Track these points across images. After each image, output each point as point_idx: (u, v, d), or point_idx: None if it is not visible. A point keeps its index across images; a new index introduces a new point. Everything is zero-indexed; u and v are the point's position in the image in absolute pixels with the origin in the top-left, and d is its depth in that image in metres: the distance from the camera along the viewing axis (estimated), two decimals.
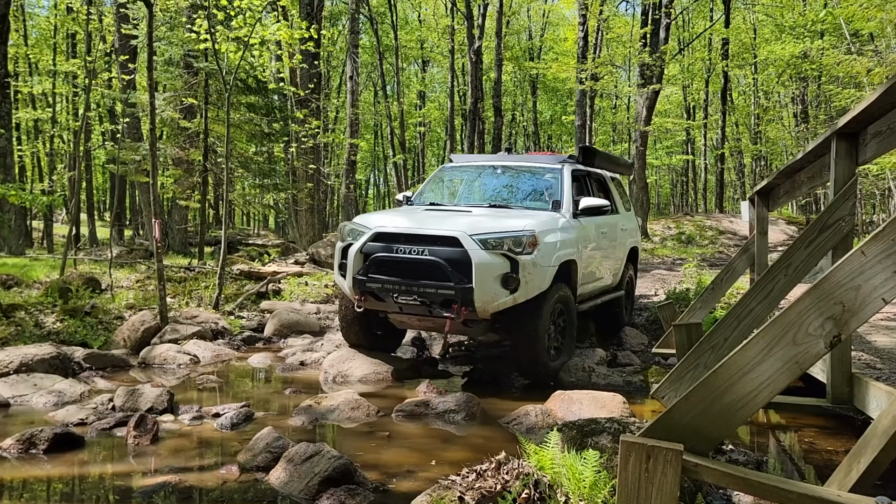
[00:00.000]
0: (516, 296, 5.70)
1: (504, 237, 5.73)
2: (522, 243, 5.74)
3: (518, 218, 6.17)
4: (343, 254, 6.21)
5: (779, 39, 25.01)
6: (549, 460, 3.14)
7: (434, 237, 5.78)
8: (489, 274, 5.62)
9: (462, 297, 5.60)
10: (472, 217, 6.23)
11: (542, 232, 5.95)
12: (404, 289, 5.74)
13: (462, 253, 5.63)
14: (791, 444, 4.78)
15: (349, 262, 6.03)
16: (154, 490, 3.64)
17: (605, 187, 8.44)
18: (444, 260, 5.64)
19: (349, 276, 6.01)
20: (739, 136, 34.60)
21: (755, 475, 2.33)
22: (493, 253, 5.67)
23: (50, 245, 23.84)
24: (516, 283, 5.68)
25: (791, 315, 2.39)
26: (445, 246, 5.70)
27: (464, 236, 5.68)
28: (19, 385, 5.48)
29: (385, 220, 6.27)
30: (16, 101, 26.63)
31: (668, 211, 41.10)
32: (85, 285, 8.97)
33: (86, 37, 18.98)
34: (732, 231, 23.05)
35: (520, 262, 5.69)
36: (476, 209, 6.66)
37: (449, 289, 5.61)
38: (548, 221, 6.28)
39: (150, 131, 8.51)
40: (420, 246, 5.77)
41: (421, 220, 6.15)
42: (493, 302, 5.66)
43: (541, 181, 7.38)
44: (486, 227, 5.85)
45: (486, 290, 5.61)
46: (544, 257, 5.88)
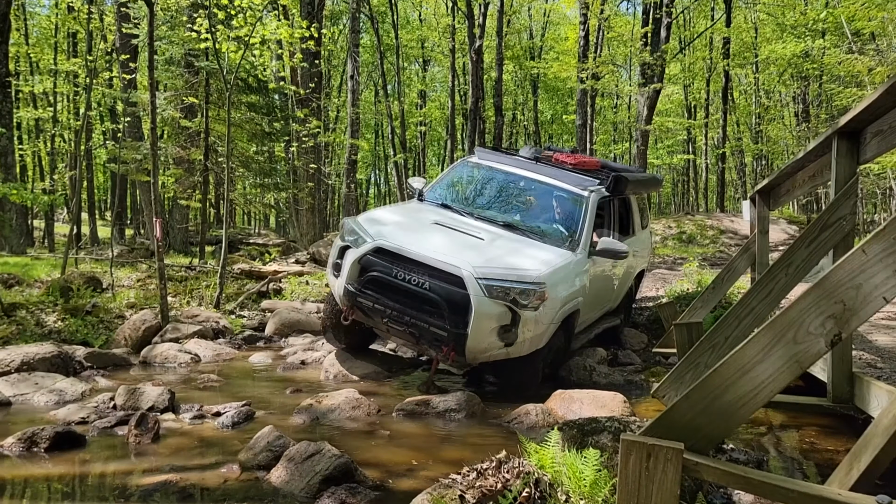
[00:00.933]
0: (510, 350, 5.37)
1: (511, 287, 5.30)
2: (530, 297, 5.32)
3: (531, 260, 5.68)
4: (340, 253, 5.87)
5: (780, 38, 24.99)
6: (550, 459, 3.14)
7: (438, 270, 5.36)
8: (487, 324, 5.25)
9: (454, 342, 5.26)
10: (483, 249, 5.68)
11: (552, 285, 5.52)
12: (396, 315, 5.41)
13: (463, 296, 5.24)
14: (792, 444, 4.78)
15: (344, 268, 5.69)
16: (155, 489, 3.64)
17: (627, 205, 8.04)
18: (444, 299, 5.27)
19: (342, 283, 5.68)
20: (740, 136, 34.58)
21: (756, 474, 2.33)
22: (497, 302, 5.27)
23: (51, 244, 23.87)
24: (513, 337, 5.32)
25: (792, 314, 2.39)
26: (448, 283, 5.30)
27: (469, 278, 5.25)
28: (21, 384, 5.48)
29: (389, 228, 5.87)
30: (17, 101, 26.65)
31: (668, 210, 41.09)
32: (86, 284, 8.98)
33: (87, 36, 18.98)
34: (733, 230, 23.02)
35: (522, 316, 5.29)
36: (488, 231, 6.12)
37: (442, 330, 5.27)
38: (561, 270, 5.78)
39: (151, 130, 8.53)
40: (421, 276, 5.37)
41: (426, 240, 5.68)
42: (484, 352, 5.35)
43: (563, 205, 6.81)
44: (494, 270, 5.37)
45: (481, 339, 5.26)
46: (548, 314, 5.48)
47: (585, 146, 22.79)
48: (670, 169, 40.37)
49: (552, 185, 6.95)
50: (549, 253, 5.95)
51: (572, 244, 6.25)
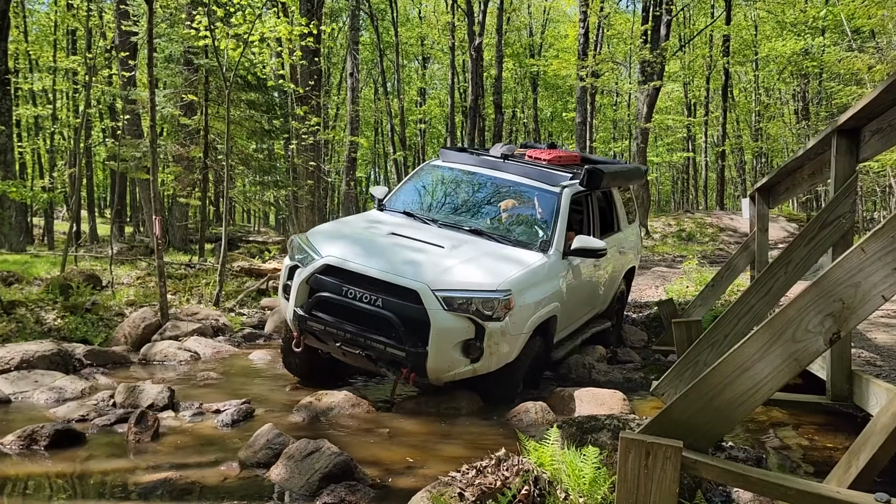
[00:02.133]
0: (477, 366, 4.92)
1: (473, 297, 4.86)
2: (494, 307, 4.87)
3: (496, 266, 5.25)
4: (289, 274, 5.42)
5: (780, 36, 24.99)
6: (549, 457, 3.15)
7: (391, 286, 4.90)
8: (449, 340, 4.82)
9: (413, 363, 4.85)
10: (442, 259, 5.22)
11: (519, 291, 5.06)
12: (350, 338, 4.97)
13: (420, 311, 4.80)
14: (791, 441, 4.78)
15: (293, 290, 5.25)
16: (155, 486, 3.64)
17: (609, 199, 7.57)
18: (399, 317, 4.82)
19: (291, 307, 5.25)
20: (740, 133, 34.59)
21: (754, 472, 2.34)
22: (457, 315, 4.83)
23: (51, 242, 23.86)
24: (479, 352, 4.88)
25: (791, 312, 2.40)
26: (403, 299, 4.85)
27: (425, 292, 4.81)
28: (20, 381, 5.49)
29: (340, 244, 5.37)
30: (16, 98, 26.63)
31: (668, 208, 41.10)
32: (85, 282, 8.98)
33: (86, 33, 18.97)
34: (733, 228, 23.04)
35: (486, 329, 4.84)
36: (451, 238, 5.65)
37: (399, 350, 4.83)
38: (529, 274, 5.33)
39: (150, 128, 8.52)
40: (373, 294, 4.91)
41: (380, 254, 5.22)
42: (448, 371, 4.90)
43: (535, 210, 6.34)
44: (453, 281, 4.93)
45: (443, 357, 4.82)
46: (517, 324, 5.03)
47: (585, 144, 22.78)
48: (670, 167, 40.38)
49: (521, 183, 6.51)
50: (517, 257, 5.55)
51: (544, 245, 5.85)
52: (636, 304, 9.49)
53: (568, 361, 6.53)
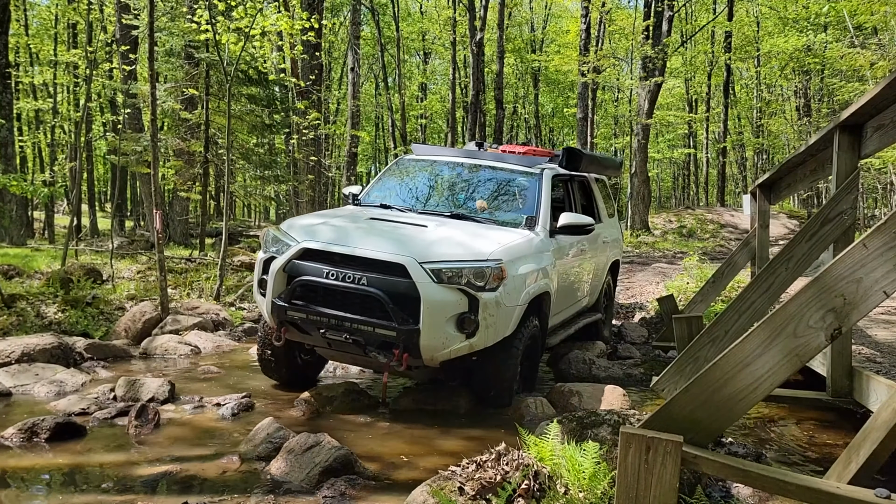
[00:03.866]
0: (473, 342, 4.64)
1: (463, 268, 4.64)
2: (486, 277, 4.65)
3: (483, 239, 5.04)
4: (265, 267, 5.07)
5: (782, 32, 24.94)
6: (549, 451, 3.15)
7: (375, 262, 4.66)
8: (441, 314, 4.55)
9: (405, 342, 4.54)
10: (427, 235, 5.02)
11: (511, 261, 4.87)
12: (334, 324, 4.66)
13: (409, 286, 4.54)
14: (791, 437, 4.79)
15: (269, 281, 4.93)
16: (155, 479, 3.65)
17: (588, 191, 7.44)
18: (386, 293, 4.55)
19: (268, 299, 4.91)
20: (741, 130, 34.55)
21: (754, 467, 2.34)
22: (449, 287, 4.59)
23: (51, 235, 23.86)
24: (474, 326, 4.61)
25: (792, 307, 2.40)
26: (389, 274, 4.60)
27: (412, 264, 4.57)
28: (21, 375, 5.49)
29: (317, 230, 5.09)
30: (17, 92, 26.59)
31: (669, 204, 41.08)
32: (86, 276, 8.98)
33: (86, 27, 18.94)
34: (734, 225, 23.03)
35: (480, 300, 4.61)
36: (433, 220, 5.43)
37: (389, 329, 4.54)
38: (519, 246, 5.17)
39: (151, 122, 8.51)
40: (357, 271, 4.64)
41: (362, 234, 4.98)
42: (443, 349, 4.59)
43: (515, 187, 6.21)
44: (441, 253, 4.73)
45: (436, 334, 4.54)
46: (511, 294, 4.81)
47: (586, 139, 22.76)
48: (671, 163, 40.35)
49: (500, 167, 6.40)
50: (505, 232, 5.41)
51: (530, 223, 5.68)
52: (637, 304, 9.49)
53: (568, 357, 6.54)
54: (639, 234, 20.26)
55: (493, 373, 5.00)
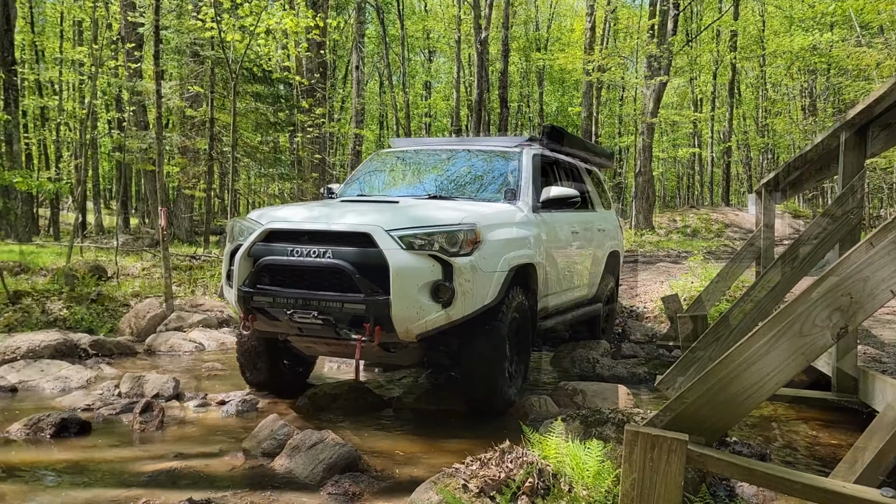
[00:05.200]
0: (450, 312, 4.35)
1: (434, 232, 4.41)
2: (458, 241, 4.42)
3: (455, 210, 4.83)
4: (231, 259, 4.82)
5: (788, 32, 24.88)
6: (553, 449, 3.15)
7: (340, 234, 4.45)
8: (412, 282, 4.27)
9: (375, 314, 4.27)
10: (397, 208, 4.90)
11: (486, 227, 4.65)
12: (301, 303, 4.42)
13: (376, 255, 4.29)
14: (796, 437, 4.78)
15: (235, 269, 4.67)
16: (159, 475, 3.66)
17: (578, 180, 7.06)
18: (352, 263, 4.31)
19: (235, 288, 4.65)
20: (746, 130, 34.47)
21: (760, 465, 2.34)
22: (419, 254, 4.33)
23: (56, 232, 23.93)
24: (450, 293, 4.33)
25: (798, 306, 2.39)
26: (354, 245, 4.39)
27: (378, 231, 4.34)
28: (26, 370, 5.52)
29: (283, 214, 4.89)
30: (23, 89, 26.67)
31: (673, 204, 41.00)
32: (91, 273, 9.01)
33: (92, 24, 18.98)
34: (738, 224, 22.99)
35: (454, 265, 4.35)
36: (407, 200, 5.33)
37: (358, 302, 4.29)
38: (495, 214, 5.01)
39: (156, 120, 8.54)
40: (322, 246, 4.42)
41: (330, 213, 4.79)
42: (417, 320, 4.30)
43: (495, 167, 5.98)
44: (410, 220, 4.53)
45: (409, 303, 4.26)
46: (489, 259, 4.56)
47: (591, 138, 22.73)
48: (675, 162, 40.26)
49: (478, 149, 6.26)
50: (482, 204, 5.27)
51: (510, 196, 5.51)
52: (640, 307, 9.47)
53: (572, 356, 6.54)
54: (643, 234, 20.23)
55: (479, 353, 4.66)
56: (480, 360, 4.67)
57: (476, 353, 4.66)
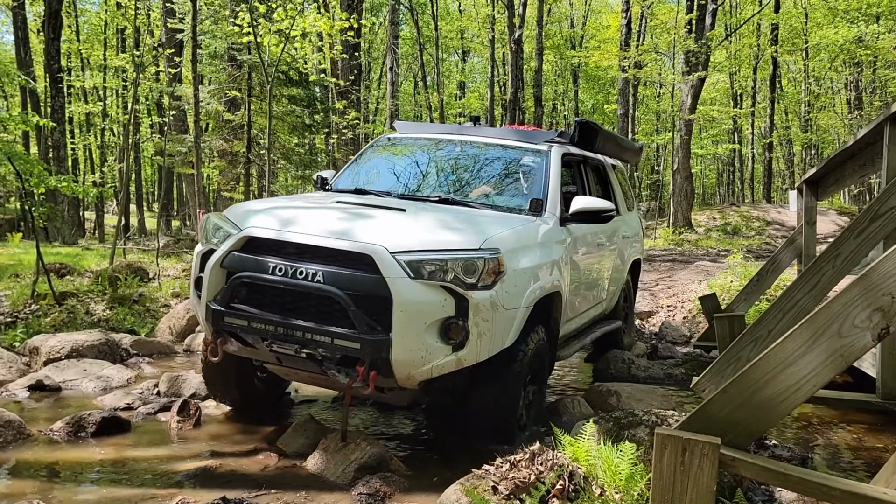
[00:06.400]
0: (462, 355, 3.64)
1: (449, 259, 3.65)
2: (477, 270, 3.67)
3: (475, 225, 4.07)
4: (201, 264, 4.08)
5: (831, 24, 24.21)
6: (585, 452, 3.12)
7: (335, 252, 3.69)
8: (419, 319, 3.57)
9: (372, 355, 3.55)
10: (404, 220, 4.07)
11: (510, 252, 3.88)
12: (282, 333, 3.69)
13: (377, 282, 3.56)
14: (838, 441, 4.64)
15: (205, 280, 3.96)
16: (195, 474, 3.73)
17: (604, 178, 6.43)
18: (347, 292, 3.58)
19: (203, 302, 3.96)
20: (789, 125, 33.66)
21: (796, 470, 2.27)
22: (429, 285, 3.60)
23: (101, 235, 24.60)
24: (463, 334, 3.62)
25: (836, 306, 2.31)
26: (352, 269, 3.64)
27: (382, 255, 3.59)
28: (69, 370, 5.67)
29: (265, 216, 4.09)
30: (69, 96, 27.50)
31: (713, 201, 40.26)
32: (133, 274, 9.21)
33: (134, 31, 19.45)
34: (780, 222, 22.46)
35: (471, 301, 3.62)
36: (415, 205, 4.49)
37: (352, 340, 3.57)
38: (521, 234, 4.22)
39: (194, 124, 8.70)
40: (311, 265, 3.67)
41: (323, 219, 4.01)
42: (422, 364, 3.60)
43: (517, 167, 5.19)
44: (420, 241, 3.74)
45: (413, 345, 3.56)
46: (512, 294, 3.82)
47: (627, 136, 22.46)
48: (715, 159, 39.52)
49: (499, 144, 5.40)
50: (503, 218, 4.44)
51: (535, 208, 4.68)
52: (679, 302, 9.31)
53: (607, 356, 6.45)
54: (681, 232, 19.90)
55: (490, 399, 3.96)
56: (491, 406, 3.98)
57: (486, 399, 3.97)
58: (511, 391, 3.97)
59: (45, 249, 10.91)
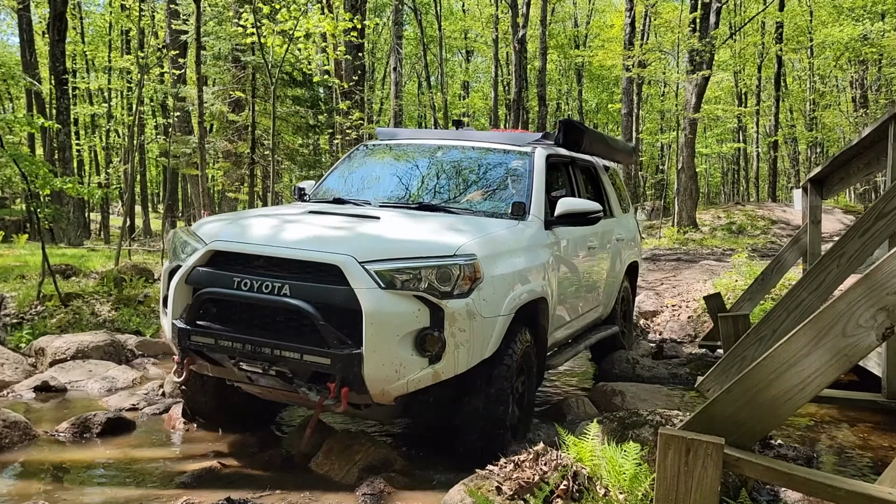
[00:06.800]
0: (439, 368, 3.48)
1: (421, 266, 3.50)
2: (452, 278, 3.51)
3: (451, 231, 3.90)
4: (169, 281, 3.92)
5: (837, 22, 24.13)
6: (589, 452, 3.11)
7: (301, 263, 3.56)
8: (391, 332, 3.41)
9: (343, 371, 3.42)
10: (376, 228, 3.93)
11: (488, 257, 3.71)
12: (249, 351, 3.55)
13: (345, 294, 3.41)
14: (844, 441, 4.63)
15: (170, 298, 3.83)
16: (199, 474, 3.74)
17: (595, 180, 6.21)
18: (314, 304, 3.43)
19: (169, 320, 3.83)
20: (794, 123, 33.57)
21: (800, 470, 2.26)
22: (401, 295, 3.45)
23: (107, 236, 24.68)
24: (439, 345, 3.46)
25: (840, 306, 2.30)
26: (319, 280, 3.49)
27: (349, 264, 3.44)
28: (75, 371, 5.69)
29: (232, 229, 3.96)
30: (74, 97, 27.60)
31: (718, 200, 40.18)
32: (138, 275, 9.24)
33: (138, 33, 19.52)
34: (785, 221, 22.39)
35: (446, 310, 3.47)
36: (391, 212, 4.35)
37: (321, 355, 3.43)
38: (500, 238, 4.05)
39: (198, 125, 8.72)
40: (278, 278, 3.53)
41: (292, 230, 3.86)
42: (397, 379, 3.44)
43: (500, 170, 5.04)
44: (391, 249, 3.59)
45: (386, 359, 3.40)
46: (490, 301, 3.64)
47: (631, 135, 22.42)
48: (720, 158, 39.45)
49: (481, 147, 5.24)
50: (482, 222, 4.27)
51: (518, 211, 4.49)
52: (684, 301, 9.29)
53: (611, 356, 6.43)
54: (686, 231, 19.86)
55: (471, 412, 3.74)
56: (476, 419, 3.75)
57: (470, 412, 3.75)
58: (498, 402, 3.75)
59: (51, 251, 10.95)
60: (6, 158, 8.12)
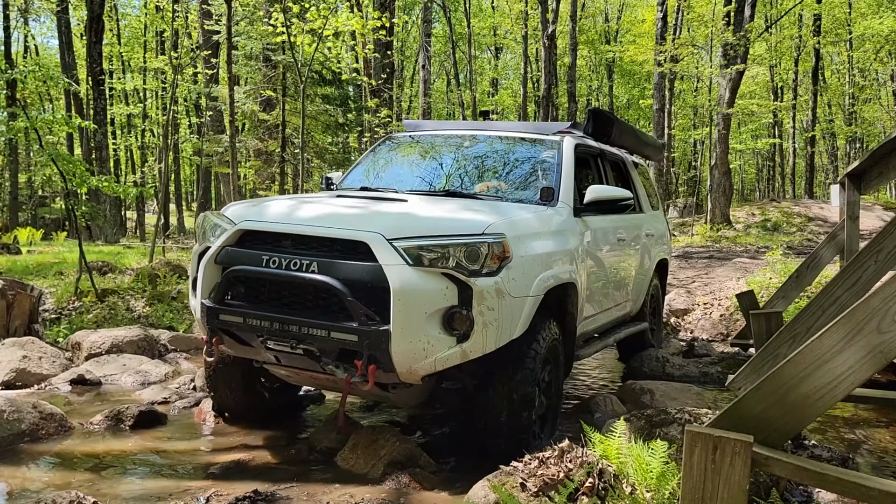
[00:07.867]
0: (467, 347, 3.43)
1: (449, 244, 3.45)
2: (481, 256, 3.46)
3: (479, 212, 3.88)
4: (199, 263, 3.95)
5: (876, 14, 23.49)
6: (615, 450, 3.08)
7: (329, 241, 3.56)
8: (419, 309, 3.38)
9: (370, 348, 3.38)
10: (404, 208, 3.97)
11: (516, 237, 3.67)
12: (277, 329, 3.55)
13: (374, 271, 3.38)
14: (880, 440, 4.51)
15: (199, 277, 3.84)
16: (228, 467, 3.79)
17: (624, 175, 6.13)
18: (343, 281, 3.41)
19: (199, 300, 3.82)
20: (832, 118, 32.80)
21: (832, 470, 2.21)
22: (429, 272, 3.41)
23: (142, 234, 25.18)
24: (467, 324, 3.42)
25: (875, 301, 2.24)
26: (346, 257, 3.48)
27: (377, 241, 3.43)
28: (109, 365, 5.81)
29: (261, 211, 4.02)
30: (110, 98, 28.20)
31: (752, 197, 39.47)
32: (172, 272, 9.40)
33: (171, 34, 19.86)
34: (823, 218, 21.90)
35: (475, 288, 3.41)
36: (417, 197, 4.38)
37: (348, 332, 3.41)
38: (528, 220, 4.03)
39: (229, 124, 8.84)
40: (306, 256, 3.53)
41: (320, 211, 3.86)
42: (424, 357, 3.40)
43: (528, 158, 5.03)
44: (420, 227, 3.58)
45: (414, 336, 3.36)
46: (519, 280, 3.59)
47: (663, 131, 22.12)
48: (754, 154, 38.74)
49: (509, 136, 5.26)
50: (511, 206, 4.29)
51: (546, 196, 4.48)
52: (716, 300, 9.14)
53: (641, 354, 6.36)
54: (719, 229, 19.53)
55: (498, 399, 3.69)
56: (501, 408, 3.68)
57: (496, 400, 3.69)
58: (525, 390, 3.69)
59: (88, 248, 11.21)
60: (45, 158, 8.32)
